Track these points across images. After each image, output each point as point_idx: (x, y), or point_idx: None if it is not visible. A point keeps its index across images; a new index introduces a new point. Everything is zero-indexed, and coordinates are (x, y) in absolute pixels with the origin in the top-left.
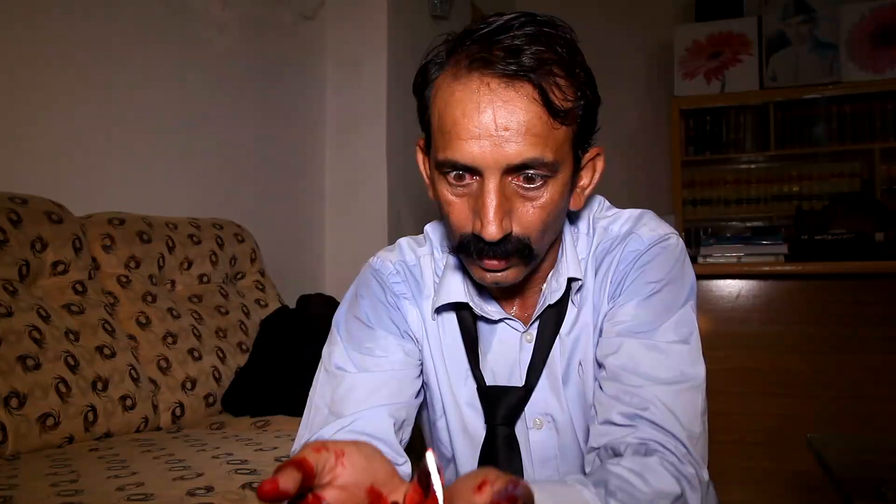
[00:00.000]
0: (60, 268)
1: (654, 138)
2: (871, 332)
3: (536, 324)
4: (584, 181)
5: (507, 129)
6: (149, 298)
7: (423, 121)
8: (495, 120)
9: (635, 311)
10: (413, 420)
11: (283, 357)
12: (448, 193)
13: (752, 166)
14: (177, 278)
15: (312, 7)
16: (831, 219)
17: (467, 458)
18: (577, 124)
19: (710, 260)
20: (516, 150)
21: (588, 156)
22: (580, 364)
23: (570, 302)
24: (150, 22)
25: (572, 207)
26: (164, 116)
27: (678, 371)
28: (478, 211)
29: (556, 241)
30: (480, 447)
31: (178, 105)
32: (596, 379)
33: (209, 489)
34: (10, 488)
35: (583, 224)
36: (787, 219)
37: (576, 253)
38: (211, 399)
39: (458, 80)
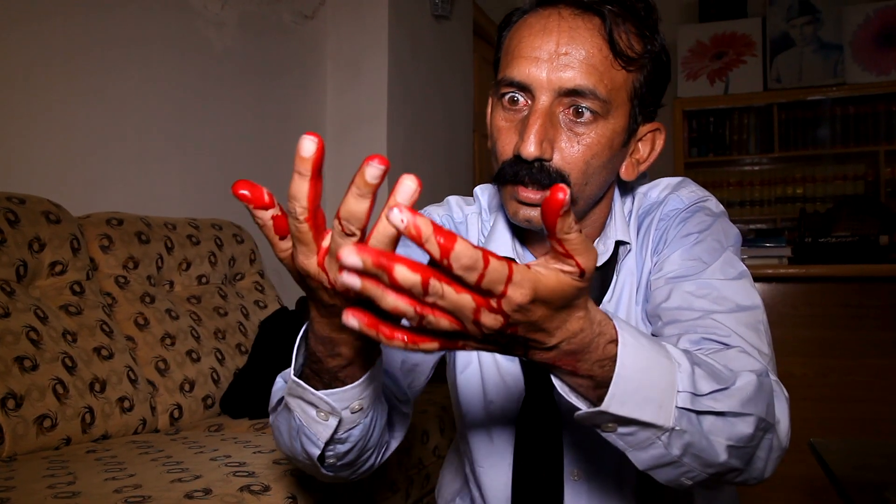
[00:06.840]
0: (58, 268)
1: None
2: (875, 335)
3: None
4: (641, 153)
5: (566, 55)
6: (147, 299)
7: (496, 61)
8: (558, 44)
9: (680, 260)
10: (427, 371)
11: (282, 359)
12: (500, 119)
13: (756, 168)
14: (175, 279)
15: (312, 6)
16: (835, 221)
17: (503, 400)
18: (639, 79)
19: None
20: (571, 75)
21: (648, 127)
22: None
23: (615, 269)
24: (149, 21)
25: (624, 176)
26: (163, 116)
27: (733, 303)
28: (522, 132)
29: (603, 205)
30: (516, 392)
31: (176, 104)
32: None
33: (207, 491)
34: (7, 490)
35: (625, 192)
36: (791, 221)
37: (625, 218)
38: (209, 401)
39: (535, 12)
